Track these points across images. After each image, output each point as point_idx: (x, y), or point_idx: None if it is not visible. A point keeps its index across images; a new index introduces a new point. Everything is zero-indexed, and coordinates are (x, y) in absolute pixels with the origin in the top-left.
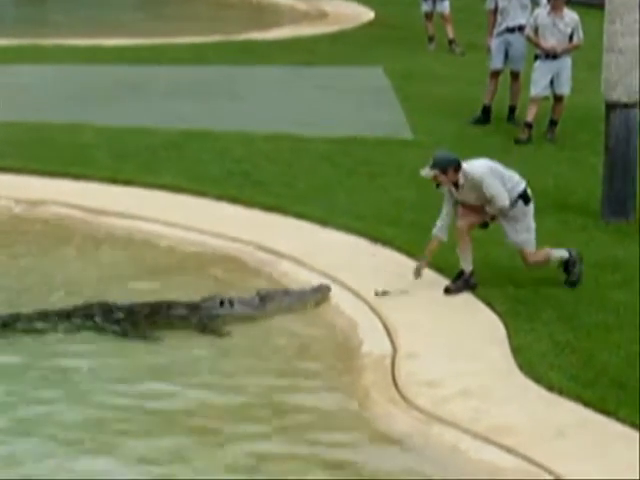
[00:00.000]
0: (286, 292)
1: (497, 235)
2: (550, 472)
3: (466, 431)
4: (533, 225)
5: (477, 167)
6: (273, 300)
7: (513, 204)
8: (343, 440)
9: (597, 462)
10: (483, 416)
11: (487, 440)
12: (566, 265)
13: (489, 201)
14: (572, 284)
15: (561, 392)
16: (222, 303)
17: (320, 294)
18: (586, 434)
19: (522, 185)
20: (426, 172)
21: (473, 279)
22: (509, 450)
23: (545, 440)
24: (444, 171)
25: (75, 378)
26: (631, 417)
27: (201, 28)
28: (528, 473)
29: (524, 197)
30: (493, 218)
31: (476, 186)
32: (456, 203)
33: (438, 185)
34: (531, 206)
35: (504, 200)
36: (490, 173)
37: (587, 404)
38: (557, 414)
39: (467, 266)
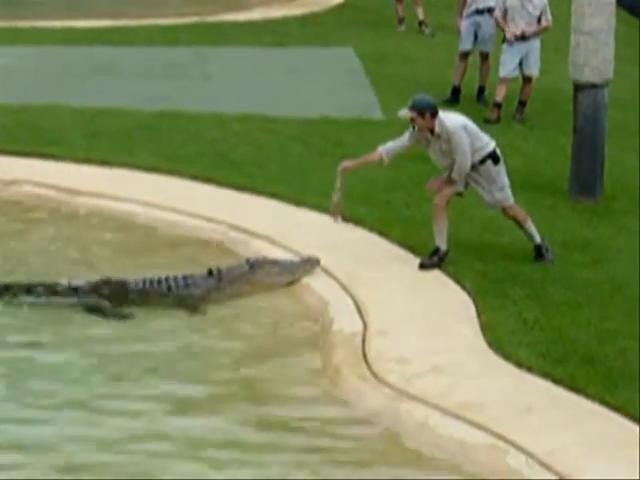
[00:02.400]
0: (275, 262)
1: (467, 213)
2: (519, 448)
3: (436, 407)
4: (507, 182)
5: (452, 119)
6: (262, 268)
7: (482, 162)
8: (313, 417)
9: (566, 438)
10: (453, 393)
11: (457, 416)
12: (539, 250)
13: (454, 159)
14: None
15: (530, 369)
16: (211, 273)
17: (309, 265)
18: (555, 411)
19: (492, 145)
20: (404, 113)
21: (447, 257)
22: (479, 426)
23: (514, 416)
24: (421, 114)
25: None
26: (600, 394)
27: (173, 10)
28: (497, 449)
29: (493, 157)
30: (466, 186)
31: (447, 138)
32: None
33: (414, 127)
34: (501, 165)
35: (467, 158)
36: (463, 128)
37: (556, 381)
38: (526, 391)
39: (442, 244)
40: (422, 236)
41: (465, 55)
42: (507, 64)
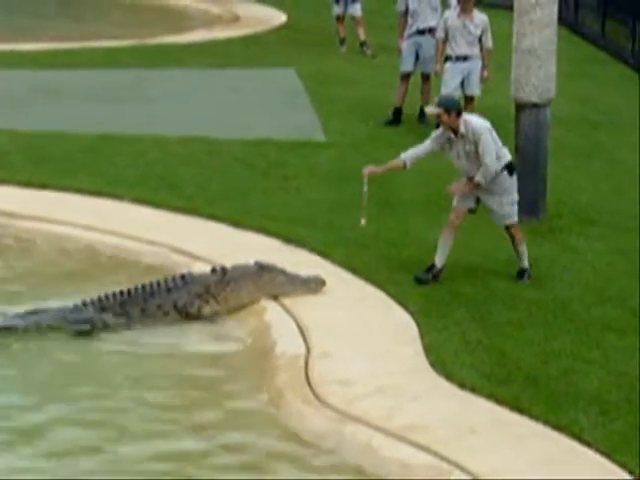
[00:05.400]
0: (283, 271)
1: (411, 234)
2: (463, 469)
3: (379, 429)
4: (517, 198)
5: (480, 121)
6: (270, 272)
7: (499, 173)
8: (256, 440)
9: (510, 459)
10: (396, 414)
11: (400, 438)
12: (522, 273)
13: (479, 160)
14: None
15: (474, 390)
16: (214, 271)
17: (313, 285)
18: (499, 431)
19: (509, 156)
20: (431, 109)
21: (441, 275)
22: (422, 448)
23: (458, 437)
24: (448, 111)
25: None
26: (544, 414)
27: (116, 32)
28: (441, 470)
29: (509, 168)
30: (478, 201)
31: (473, 140)
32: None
33: (438, 125)
34: (514, 178)
35: (493, 160)
36: (489, 132)
37: (500, 402)
38: (470, 412)
39: (439, 261)
40: (365, 258)
41: (406, 76)
42: (449, 84)
